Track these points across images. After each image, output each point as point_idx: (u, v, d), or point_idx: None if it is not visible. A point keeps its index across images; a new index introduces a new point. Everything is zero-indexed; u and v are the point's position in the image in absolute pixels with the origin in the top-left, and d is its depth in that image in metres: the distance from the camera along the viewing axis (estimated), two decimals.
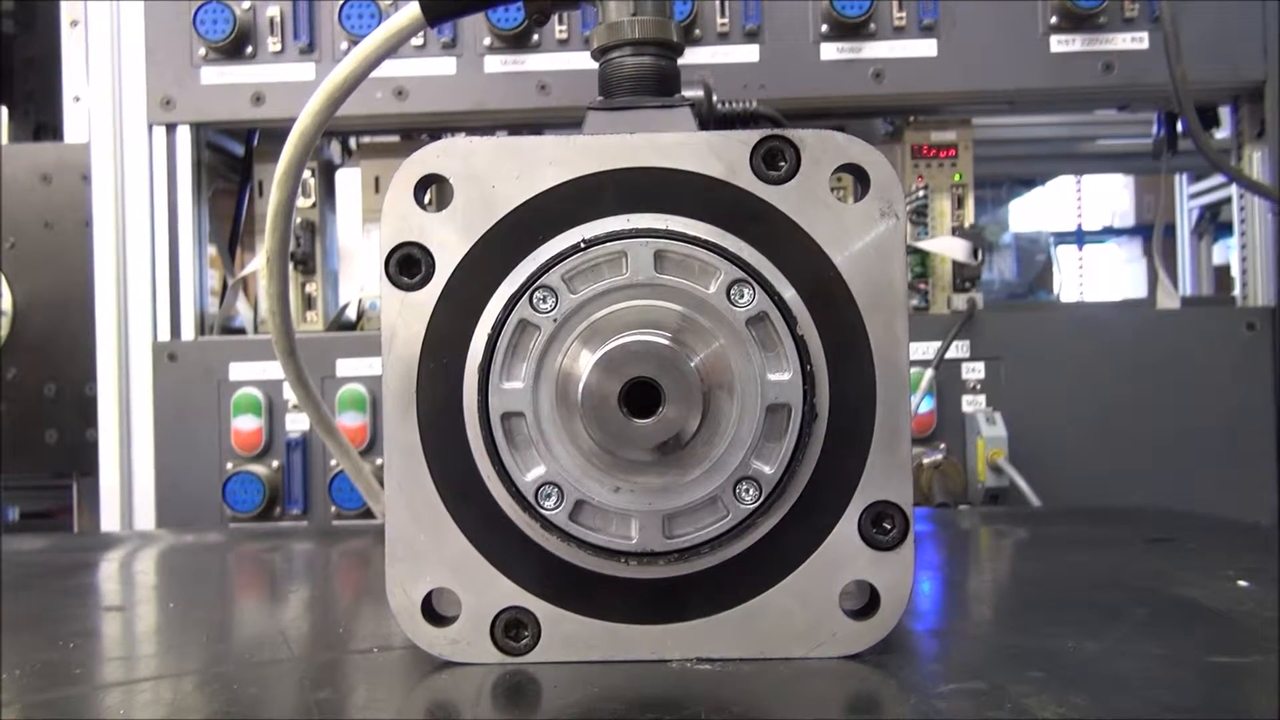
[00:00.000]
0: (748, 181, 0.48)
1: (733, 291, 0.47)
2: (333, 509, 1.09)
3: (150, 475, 1.11)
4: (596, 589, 0.48)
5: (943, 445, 1.08)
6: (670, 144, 0.48)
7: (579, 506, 0.47)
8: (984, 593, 0.63)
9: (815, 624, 0.47)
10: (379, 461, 1.10)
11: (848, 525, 0.47)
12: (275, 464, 1.10)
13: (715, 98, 0.66)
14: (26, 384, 1.14)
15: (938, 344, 1.08)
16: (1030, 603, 0.59)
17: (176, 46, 1.11)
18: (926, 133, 1.16)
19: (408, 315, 0.48)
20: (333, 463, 1.10)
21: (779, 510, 0.47)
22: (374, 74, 1.07)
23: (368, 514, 1.08)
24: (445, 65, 1.10)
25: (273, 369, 1.10)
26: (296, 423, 1.09)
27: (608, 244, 0.47)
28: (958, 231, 1.14)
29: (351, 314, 1.21)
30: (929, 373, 1.06)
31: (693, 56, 1.09)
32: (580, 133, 0.54)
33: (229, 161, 1.24)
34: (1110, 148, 1.63)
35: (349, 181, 1.22)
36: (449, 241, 0.48)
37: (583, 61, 1.10)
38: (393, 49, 0.62)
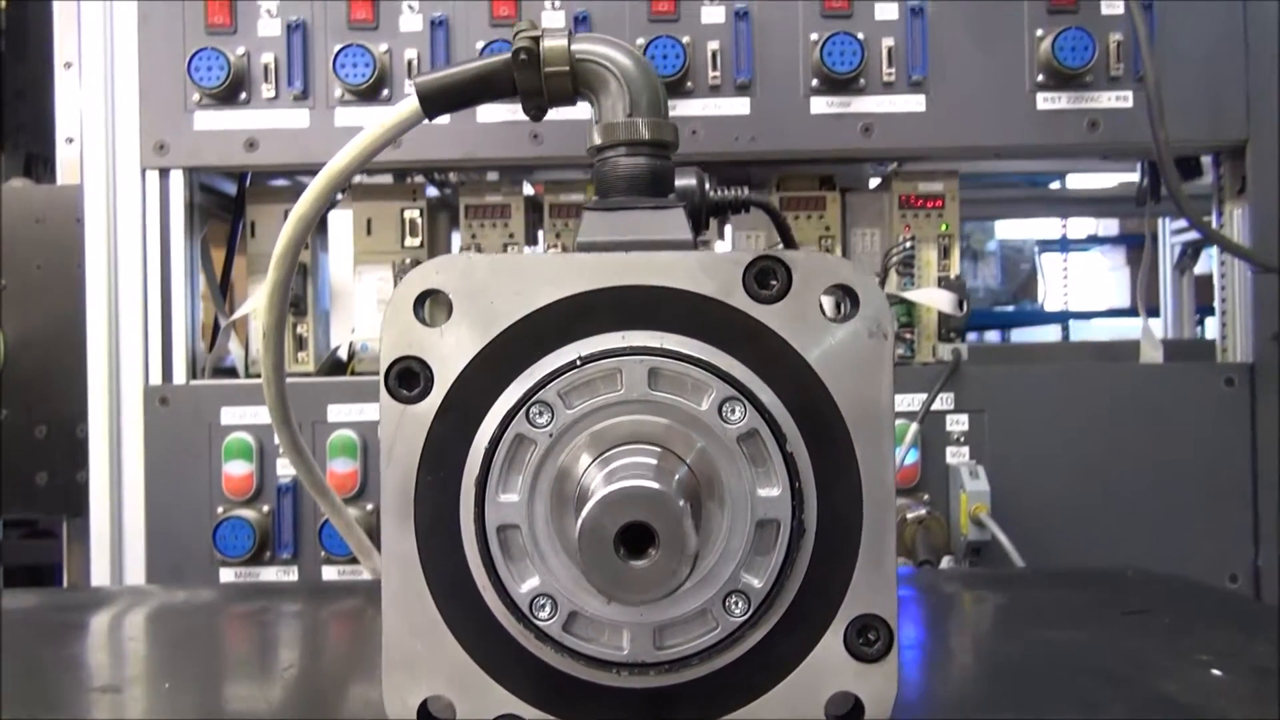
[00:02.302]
0: (740, 300, 0.49)
1: (724, 408, 0.48)
2: (322, 554, 1.10)
3: (141, 518, 1.11)
4: (588, 697, 0.49)
5: (926, 497, 1.10)
6: (665, 263, 0.49)
7: (572, 617, 0.48)
8: (960, 679, 0.64)
9: None
10: (369, 507, 1.11)
11: (833, 638, 0.49)
12: (266, 508, 1.11)
13: (708, 185, 0.67)
14: (17, 425, 1.14)
15: (923, 396, 1.09)
16: (1008, 694, 0.60)
17: (170, 91, 1.11)
18: (914, 183, 1.17)
19: (406, 427, 0.49)
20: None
21: (767, 623, 0.48)
22: (369, 120, 1.08)
23: (356, 559, 1.09)
24: None
25: (264, 414, 1.11)
26: (287, 468, 1.10)
27: (603, 361, 0.48)
28: (943, 282, 1.16)
29: (343, 354, 1.22)
30: (914, 426, 1.07)
31: (685, 109, 1.10)
32: (575, 234, 0.56)
33: (221, 201, 1.24)
34: (1094, 191, 1.64)
35: (341, 222, 1.23)
36: (448, 356, 0.49)
37: (571, 113, 1.11)
38: (390, 141, 0.63)
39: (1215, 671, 0.63)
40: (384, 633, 0.49)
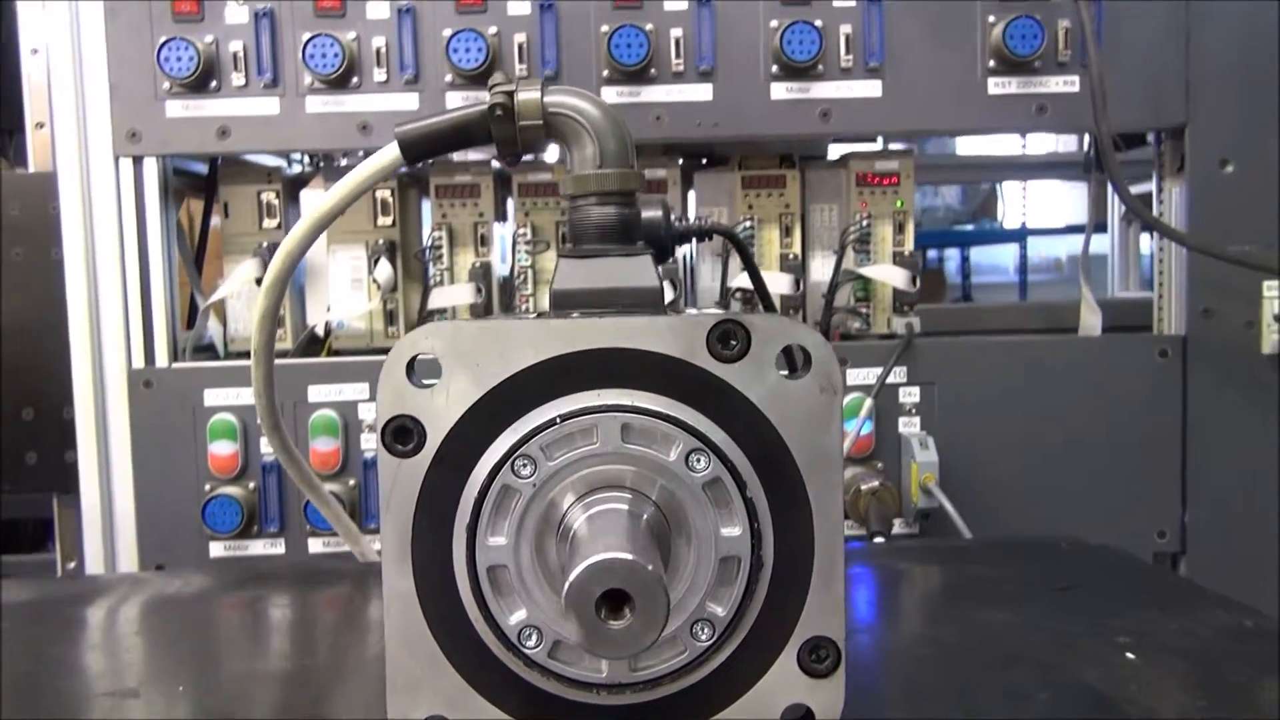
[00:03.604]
0: (704, 360, 0.54)
1: (691, 459, 0.53)
2: (307, 528, 1.16)
3: (130, 496, 1.16)
4: (571, 714, 0.55)
5: (880, 465, 1.17)
6: (635, 327, 0.54)
7: (556, 645, 0.54)
8: (890, 670, 0.70)
9: None
10: (351, 483, 1.16)
11: (788, 657, 0.55)
12: (251, 485, 1.16)
13: (673, 217, 0.72)
14: (5, 407, 1.17)
15: (878, 370, 1.15)
16: (939, 684, 0.67)
17: (140, 80, 1.13)
18: (871, 162, 1.22)
19: (402, 479, 0.54)
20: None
21: (729, 645, 0.54)
22: (340, 108, 1.11)
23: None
24: (409, 101, 1.13)
25: (246, 395, 1.15)
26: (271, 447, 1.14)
27: (580, 418, 0.53)
28: (898, 258, 1.21)
29: (320, 331, 1.25)
30: (868, 401, 1.14)
31: (649, 95, 1.13)
32: (552, 283, 0.60)
33: (193, 181, 1.26)
34: (1048, 156, 1.69)
35: (314, 201, 1.25)
36: (438, 414, 0.54)
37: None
38: (372, 186, 0.67)
39: (1130, 655, 0.70)
40: (387, 660, 0.55)
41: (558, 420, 0.53)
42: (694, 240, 0.75)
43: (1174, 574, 0.94)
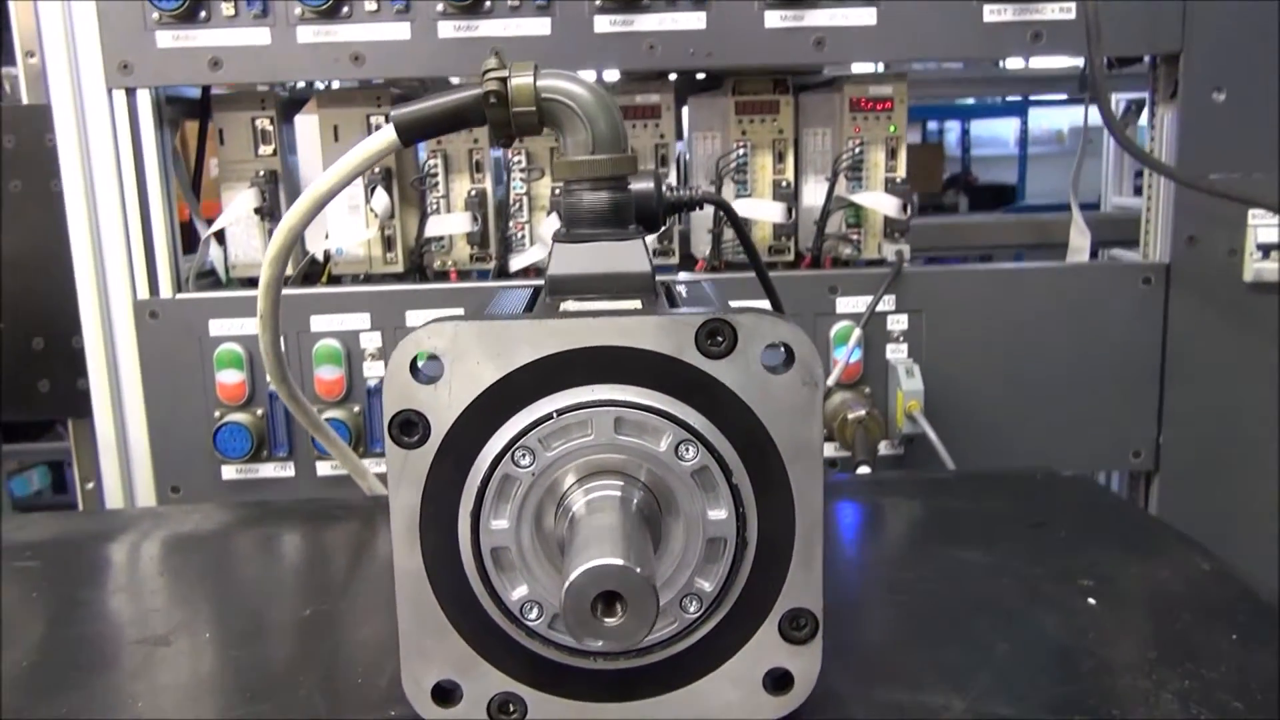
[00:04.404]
0: (692, 357, 0.57)
1: (680, 449, 0.57)
2: (314, 453, 1.20)
3: (142, 422, 1.20)
4: (570, 678, 0.60)
5: (868, 390, 1.20)
6: (627, 326, 0.56)
7: (555, 618, 0.58)
8: (860, 619, 0.75)
9: (744, 699, 0.60)
10: (356, 409, 1.20)
11: (770, 626, 0.60)
12: (260, 412, 1.20)
13: (665, 187, 0.73)
14: (15, 337, 1.20)
15: (868, 299, 1.18)
16: (910, 634, 0.72)
17: (129, 10, 1.11)
18: (865, 86, 1.21)
19: (409, 468, 0.57)
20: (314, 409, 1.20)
21: (716, 617, 0.59)
22: (331, 38, 1.11)
23: None
24: (400, 30, 1.12)
25: (250, 325, 1.18)
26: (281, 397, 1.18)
27: (575, 412, 0.56)
28: (890, 184, 1.22)
29: (319, 257, 1.27)
30: (857, 331, 1.17)
31: (642, 24, 1.13)
32: (547, 266, 0.63)
33: (187, 108, 1.26)
34: (1046, 70, 1.68)
35: (308, 127, 1.25)
36: (441, 408, 0.57)
37: (535, 28, 1.13)
38: (369, 167, 0.68)
39: (1091, 600, 0.76)
40: (400, 631, 0.59)
41: (554, 415, 0.56)
42: (685, 211, 0.76)
43: (1140, 510, 0.98)
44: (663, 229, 0.80)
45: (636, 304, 0.63)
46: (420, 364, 0.57)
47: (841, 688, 0.64)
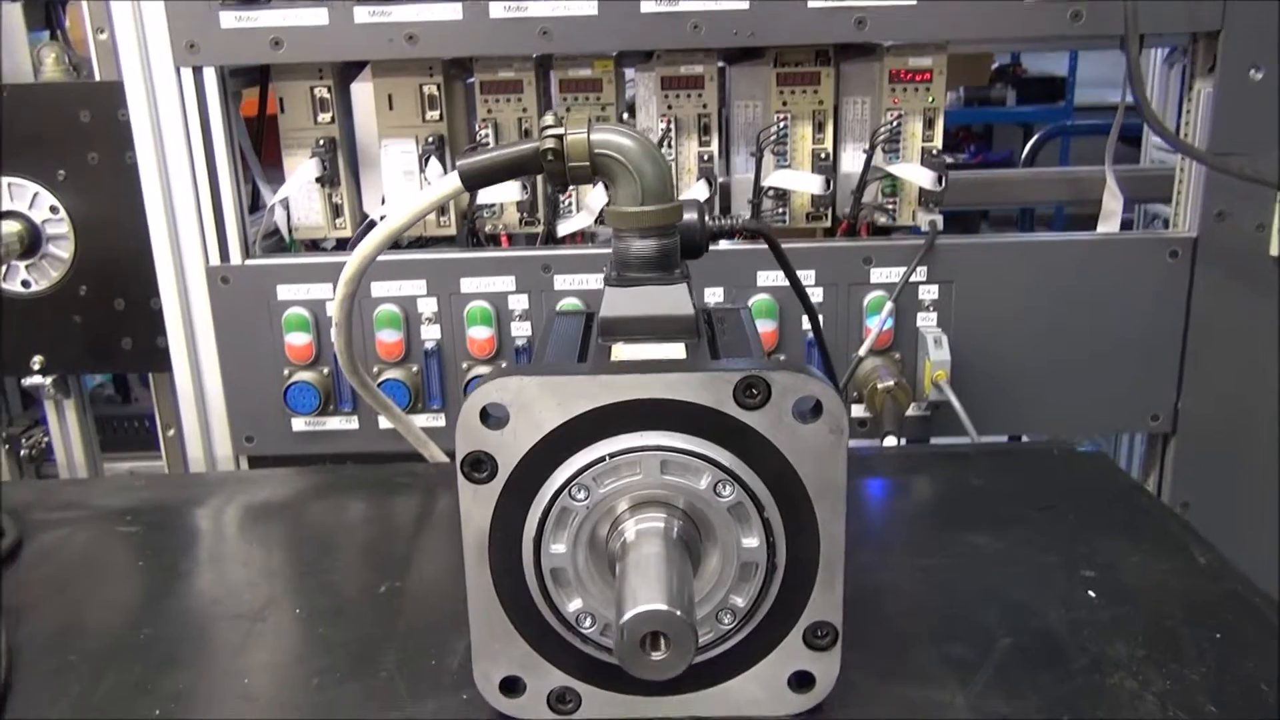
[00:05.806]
0: (730, 408, 0.63)
1: (718, 487, 0.64)
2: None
3: (218, 379, 1.29)
4: (619, 676, 0.68)
5: (898, 356, 1.26)
6: (672, 381, 0.63)
7: (607, 626, 0.67)
8: (865, 612, 0.78)
9: (771, 696, 0.69)
10: (415, 369, 1.28)
11: (795, 636, 0.68)
12: (325, 371, 1.28)
13: (708, 217, 0.79)
14: (98, 299, 1.29)
15: (902, 270, 1.23)
16: (920, 629, 0.79)
17: None
18: (905, 58, 1.24)
19: (479, 501, 0.65)
20: (375, 369, 1.28)
21: (747, 628, 0.67)
22: (386, 19, 1.16)
23: (410, 413, 1.27)
24: (452, 10, 1.16)
25: (316, 290, 1.26)
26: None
27: (626, 455, 0.64)
28: (926, 156, 1.25)
29: (377, 219, 1.33)
30: (889, 303, 1.22)
31: (686, 4, 1.15)
32: (599, 312, 0.69)
33: (249, 77, 1.31)
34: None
35: (363, 94, 1.30)
36: (507, 449, 0.64)
37: (583, 9, 1.16)
38: (433, 209, 0.75)
39: (1091, 593, 0.83)
40: (472, 635, 0.68)
41: (607, 458, 0.64)
42: (727, 238, 0.82)
43: (1148, 494, 1.04)
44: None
45: (680, 349, 0.70)
46: (489, 410, 0.64)
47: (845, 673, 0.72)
